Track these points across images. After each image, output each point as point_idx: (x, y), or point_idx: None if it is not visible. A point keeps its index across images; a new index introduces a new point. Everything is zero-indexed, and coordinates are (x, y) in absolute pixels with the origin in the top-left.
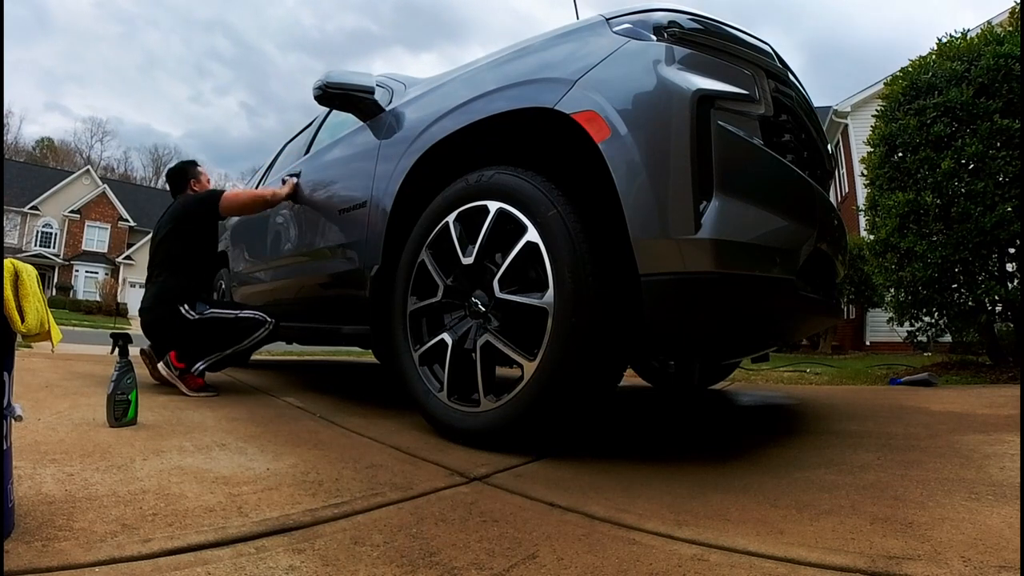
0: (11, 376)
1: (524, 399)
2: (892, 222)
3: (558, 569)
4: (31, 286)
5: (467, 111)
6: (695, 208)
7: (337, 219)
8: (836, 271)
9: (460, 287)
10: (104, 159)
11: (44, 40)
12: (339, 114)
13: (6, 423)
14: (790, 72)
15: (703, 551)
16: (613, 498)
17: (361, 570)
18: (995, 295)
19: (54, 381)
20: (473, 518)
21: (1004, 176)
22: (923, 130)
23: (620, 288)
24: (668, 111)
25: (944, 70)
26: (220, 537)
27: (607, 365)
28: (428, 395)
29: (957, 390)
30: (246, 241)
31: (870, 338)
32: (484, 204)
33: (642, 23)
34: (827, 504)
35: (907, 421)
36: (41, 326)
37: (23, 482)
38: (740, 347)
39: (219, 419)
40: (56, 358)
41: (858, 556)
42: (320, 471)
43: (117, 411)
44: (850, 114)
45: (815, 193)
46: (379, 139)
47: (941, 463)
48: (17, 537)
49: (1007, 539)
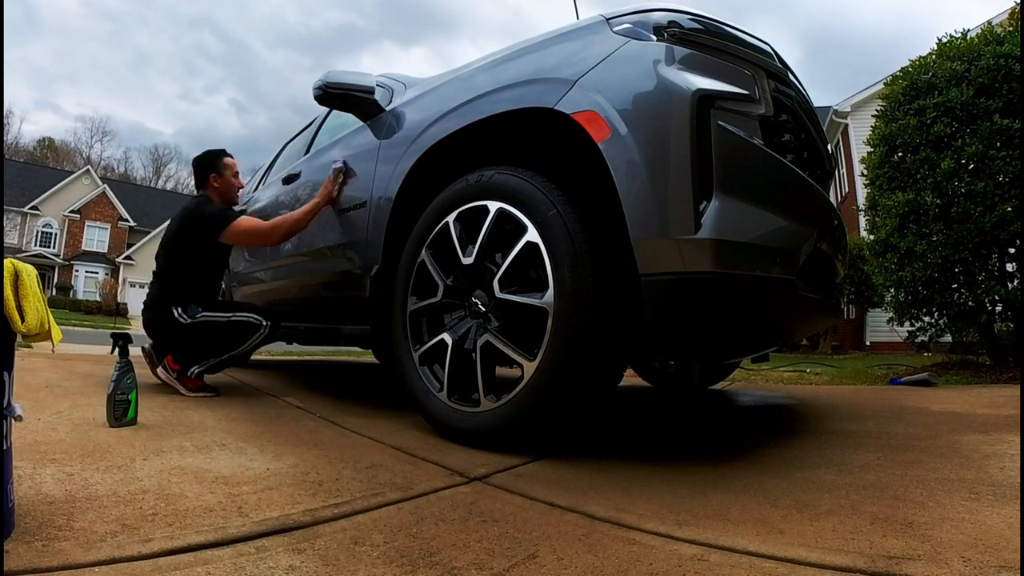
0: (11, 376)
1: (524, 399)
2: (892, 222)
3: (558, 569)
4: (31, 286)
5: (467, 111)
6: (695, 208)
7: (337, 219)
8: (836, 271)
9: (460, 287)
10: (104, 159)
11: (34, 39)
12: (339, 114)
13: (6, 423)
14: (790, 72)
15: (703, 551)
16: (613, 498)
17: (361, 570)
18: (995, 295)
19: (54, 381)
20: (473, 518)
21: (1004, 176)
22: (923, 130)
23: (620, 288)
24: (668, 111)
25: (944, 70)
26: (220, 537)
27: (607, 365)
28: (428, 395)
29: (957, 390)
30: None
31: (870, 338)
32: (484, 204)
33: (642, 23)
34: (827, 504)
35: (907, 421)
36: (41, 326)
37: (23, 482)
38: (740, 347)
39: (219, 419)
40: (56, 358)
41: (858, 556)
42: (320, 471)
43: (117, 411)
44: (850, 114)
45: (815, 193)
46: (379, 139)
47: (941, 463)
48: (17, 537)
49: (1007, 539)
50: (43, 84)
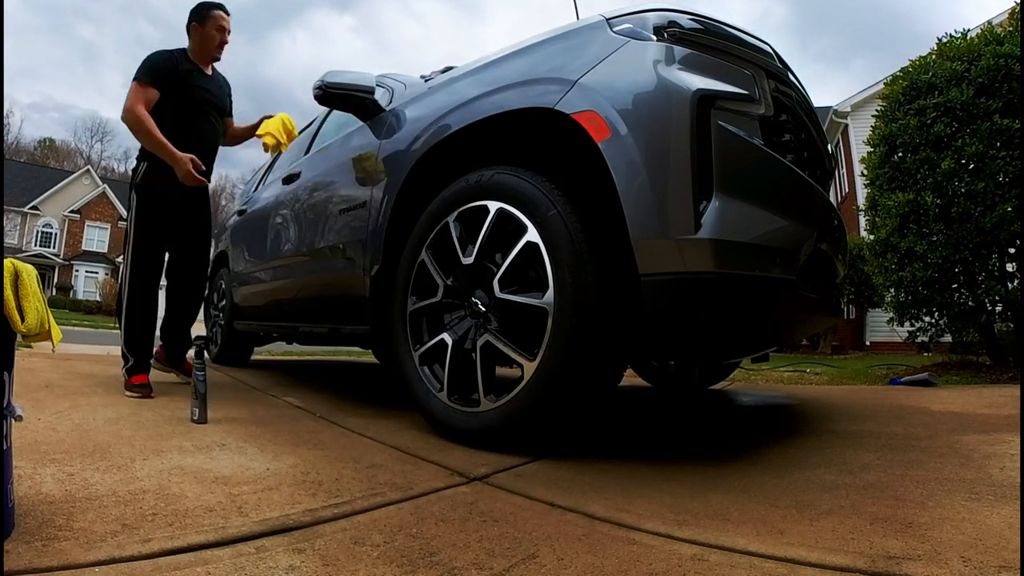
0: (11, 376)
1: (524, 399)
2: (892, 222)
3: (558, 569)
4: (31, 286)
5: (467, 111)
6: (695, 208)
7: (337, 219)
8: (836, 271)
9: (460, 287)
10: (104, 159)
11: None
12: (339, 114)
13: (6, 423)
14: (790, 72)
15: (703, 551)
16: (613, 498)
17: (361, 570)
18: (995, 295)
19: (54, 381)
20: (473, 518)
21: (1004, 176)
22: (923, 130)
23: (620, 288)
24: (668, 111)
25: (944, 70)
26: (220, 537)
27: (607, 365)
28: (428, 395)
29: (957, 390)
30: (246, 241)
31: (870, 338)
32: (484, 204)
33: (642, 23)
34: (827, 504)
35: (907, 421)
36: (41, 326)
37: (23, 482)
38: (740, 347)
39: (219, 419)
40: (56, 358)
41: (858, 556)
42: (320, 471)
43: (202, 409)
44: (850, 114)
45: (815, 193)
46: (379, 139)
47: (941, 463)
48: (17, 537)
49: (1007, 539)
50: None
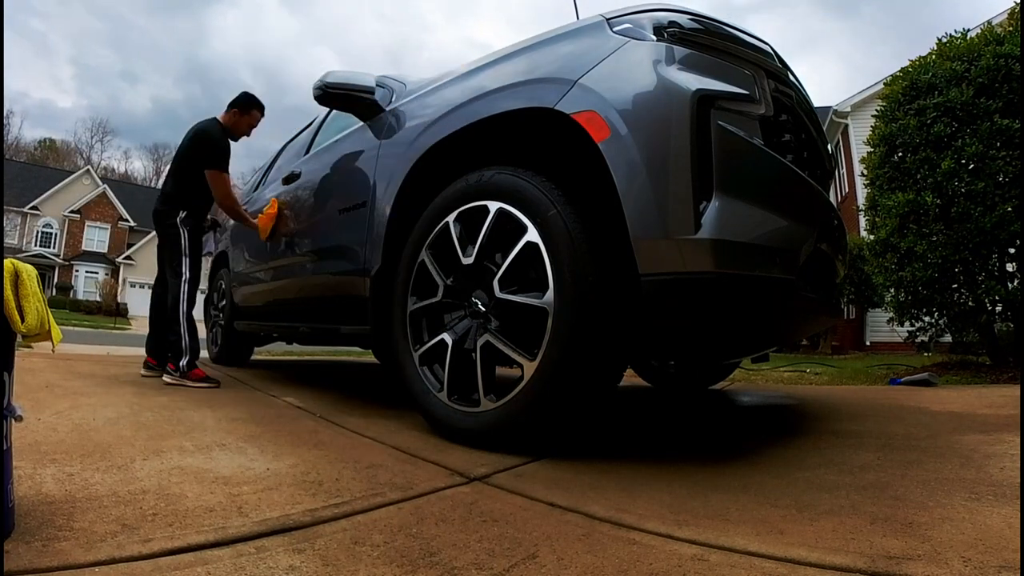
0: (11, 376)
1: (524, 399)
2: (892, 222)
3: (558, 569)
4: (31, 286)
5: (467, 111)
6: (695, 208)
7: (337, 219)
8: (836, 271)
9: (460, 287)
10: (104, 159)
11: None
12: (339, 114)
13: (6, 423)
14: (790, 72)
15: (703, 551)
16: (613, 498)
17: (361, 570)
18: (995, 295)
19: (54, 381)
20: (473, 518)
21: (1004, 176)
22: (923, 130)
23: (620, 288)
24: (668, 111)
25: (944, 70)
26: (220, 537)
27: (607, 365)
28: (428, 395)
29: (957, 390)
30: (246, 241)
31: (870, 338)
32: (484, 204)
33: (642, 23)
34: (827, 504)
35: (907, 421)
36: (41, 326)
37: (23, 482)
38: (740, 347)
39: (219, 419)
40: (56, 358)
41: (858, 556)
42: (320, 471)
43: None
44: (850, 114)
45: (815, 193)
46: (379, 139)
47: (941, 463)
48: (17, 537)
49: (1007, 539)
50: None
